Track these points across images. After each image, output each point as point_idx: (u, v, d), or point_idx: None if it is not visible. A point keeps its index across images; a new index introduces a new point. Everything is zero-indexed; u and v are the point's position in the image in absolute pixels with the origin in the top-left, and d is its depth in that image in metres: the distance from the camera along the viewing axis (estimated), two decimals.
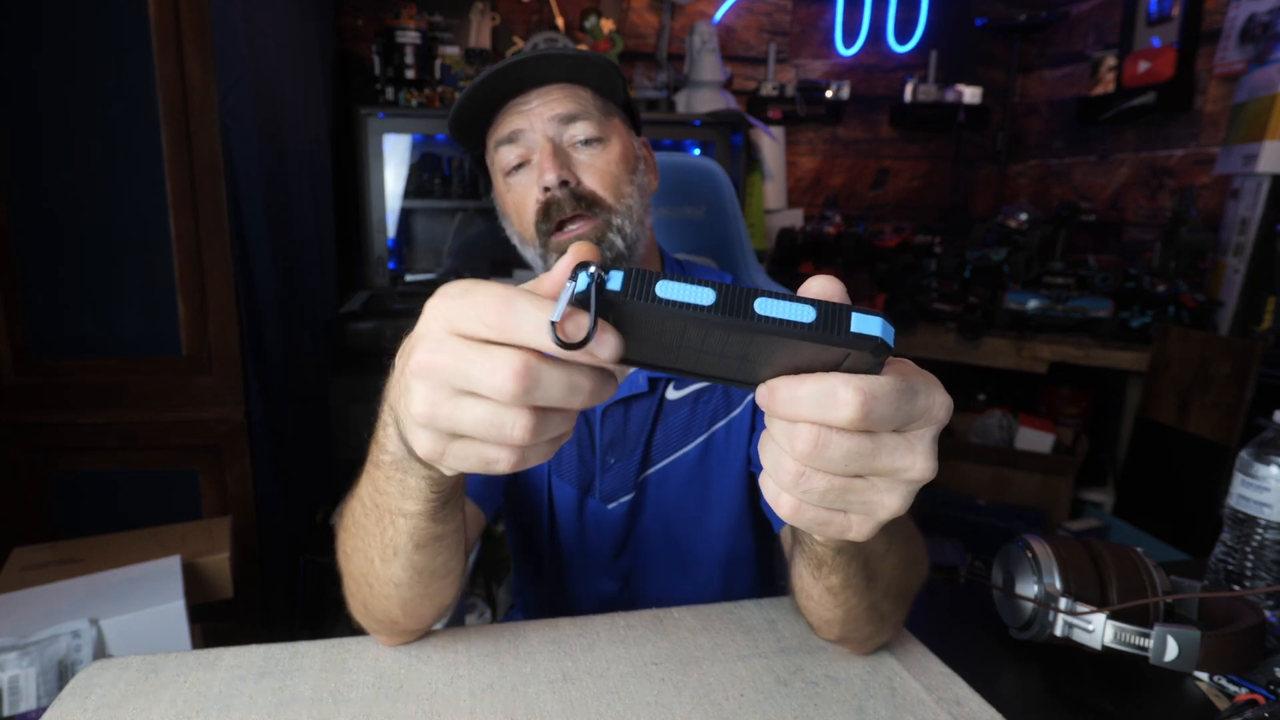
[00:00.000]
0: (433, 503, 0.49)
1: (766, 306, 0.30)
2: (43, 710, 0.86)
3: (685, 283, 0.30)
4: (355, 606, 0.61)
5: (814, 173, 3.03)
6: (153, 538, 1.39)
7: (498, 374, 0.33)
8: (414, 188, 2.42)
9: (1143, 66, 2.43)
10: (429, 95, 2.32)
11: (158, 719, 0.55)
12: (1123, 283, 2.27)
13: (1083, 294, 2.30)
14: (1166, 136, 2.45)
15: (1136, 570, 0.65)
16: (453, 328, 0.34)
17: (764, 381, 0.34)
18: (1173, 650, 0.59)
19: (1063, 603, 0.64)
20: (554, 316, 0.31)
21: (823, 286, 0.33)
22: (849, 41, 2.92)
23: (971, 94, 2.87)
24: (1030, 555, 0.67)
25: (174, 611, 1.11)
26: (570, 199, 0.74)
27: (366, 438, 0.49)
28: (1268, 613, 0.66)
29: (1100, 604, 0.63)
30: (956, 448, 2.45)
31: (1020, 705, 0.60)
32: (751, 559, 0.90)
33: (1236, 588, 0.72)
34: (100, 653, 1.01)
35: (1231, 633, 0.60)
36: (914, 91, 2.88)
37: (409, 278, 2.41)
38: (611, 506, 0.84)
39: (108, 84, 1.47)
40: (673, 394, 0.83)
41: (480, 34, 2.57)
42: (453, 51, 2.44)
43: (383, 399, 0.45)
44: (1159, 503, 2.09)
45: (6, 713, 0.89)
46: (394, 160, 2.35)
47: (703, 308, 0.30)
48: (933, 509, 2.37)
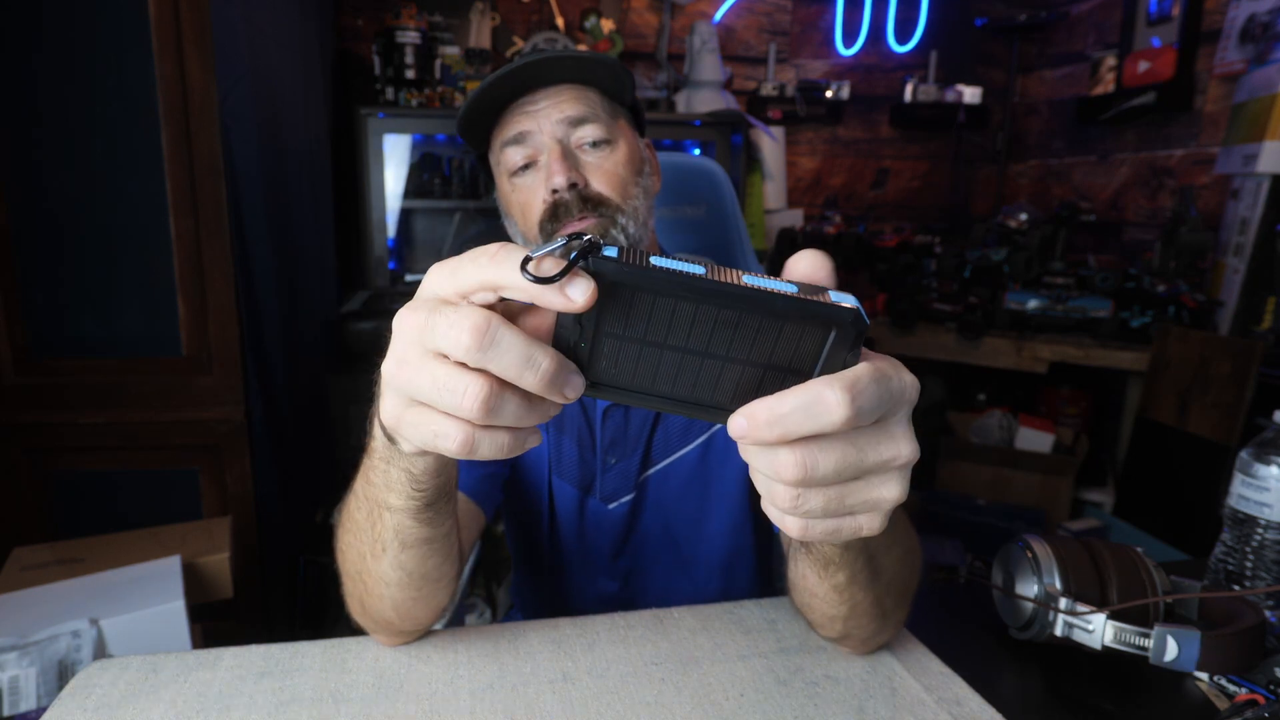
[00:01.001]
0: (415, 500, 0.49)
1: (753, 279, 0.32)
2: (43, 710, 0.86)
3: (677, 262, 0.32)
4: (353, 605, 0.62)
5: (814, 173, 3.03)
6: (153, 538, 1.39)
7: (456, 326, 0.32)
8: (414, 188, 2.42)
9: (1143, 66, 2.43)
10: (429, 95, 2.32)
11: (158, 719, 0.55)
12: (1123, 283, 2.27)
13: (1083, 294, 2.30)
14: (1166, 136, 2.45)
15: (1136, 570, 0.65)
16: (434, 289, 0.35)
17: (734, 411, 0.34)
18: (1173, 650, 0.59)
19: (1063, 603, 0.64)
20: (532, 254, 0.31)
21: (810, 261, 0.34)
22: (849, 41, 2.92)
23: (971, 94, 2.87)
24: (1030, 555, 0.67)
25: (174, 611, 1.11)
26: (578, 201, 0.73)
27: (366, 434, 0.49)
28: (1268, 613, 0.66)
29: (1100, 604, 0.63)
30: (956, 448, 2.45)
31: (1020, 705, 0.60)
32: (751, 559, 0.90)
33: (1236, 588, 0.72)
34: (100, 653, 1.01)
35: (1231, 633, 0.60)
36: (914, 91, 2.88)
37: (409, 278, 2.41)
38: (612, 507, 0.84)
39: (108, 84, 1.47)
40: None
41: (480, 34, 2.57)
42: (453, 51, 2.44)
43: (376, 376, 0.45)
44: (1159, 503, 2.09)
45: (6, 713, 0.89)
46: (394, 160, 2.35)
47: (695, 275, 0.31)
48: (933, 509, 2.37)
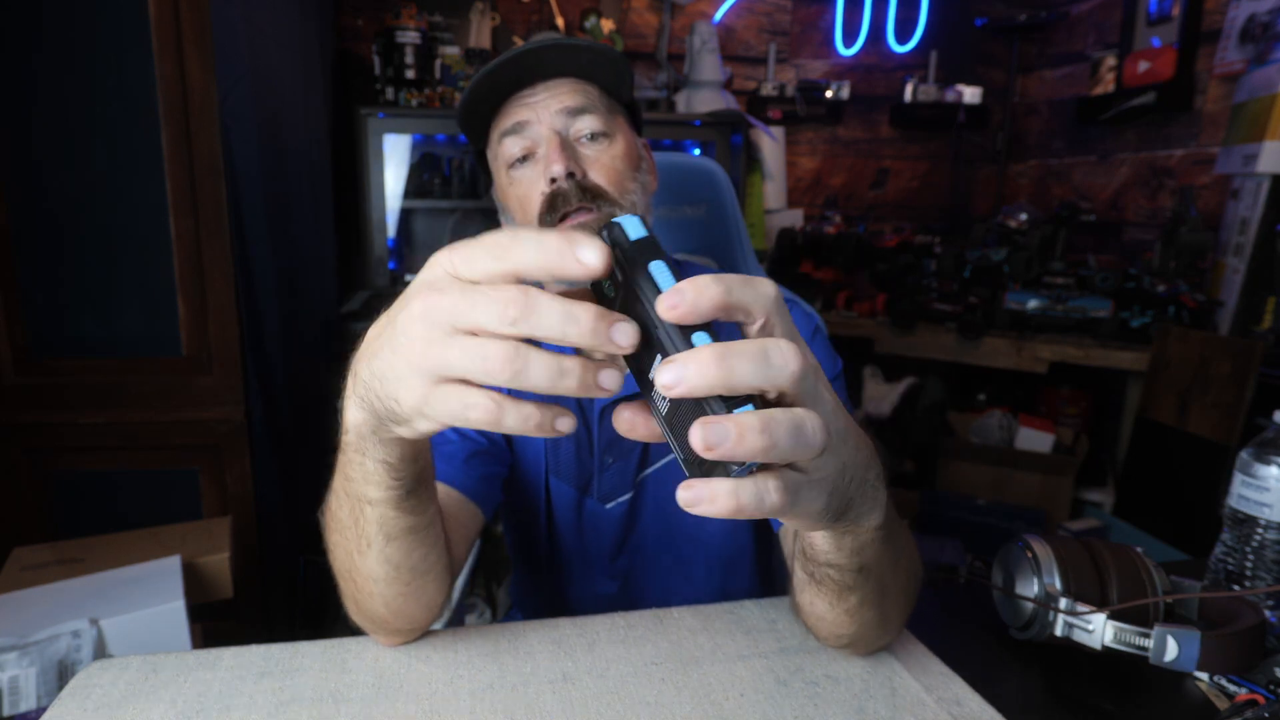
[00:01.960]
0: (394, 490, 0.48)
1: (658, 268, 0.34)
2: (43, 710, 0.86)
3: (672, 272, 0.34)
4: (348, 605, 0.61)
5: (814, 173, 3.03)
6: (153, 538, 1.39)
7: (495, 300, 0.33)
8: (414, 188, 2.42)
9: (1143, 66, 2.43)
10: (429, 95, 2.32)
11: (158, 719, 0.55)
12: (1123, 283, 2.27)
13: (1083, 294, 2.29)
14: (1166, 136, 2.45)
15: (1136, 570, 0.65)
16: (455, 271, 0.35)
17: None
18: (1173, 650, 0.59)
19: (1063, 603, 0.64)
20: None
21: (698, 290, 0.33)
22: (849, 41, 2.92)
23: (971, 94, 2.87)
24: (1030, 555, 0.67)
25: (174, 611, 1.11)
26: (577, 191, 0.73)
27: (336, 432, 0.48)
28: (1268, 613, 0.66)
29: (1100, 604, 0.63)
30: (956, 448, 2.45)
31: (1020, 705, 0.60)
32: (751, 559, 0.90)
33: (1236, 588, 0.72)
34: (100, 653, 1.01)
35: (1231, 633, 0.60)
36: (914, 91, 2.88)
37: (409, 278, 2.40)
38: (610, 506, 0.84)
39: (108, 84, 1.47)
40: None
41: (480, 34, 2.57)
42: (453, 51, 2.44)
43: (347, 377, 0.44)
44: (1159, 503, 2.09)
45: (6, 713, 0.89)
46: (394, 160, 2.35)
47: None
48: (933, 509, 2.37)
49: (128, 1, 1.44)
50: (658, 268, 0.34)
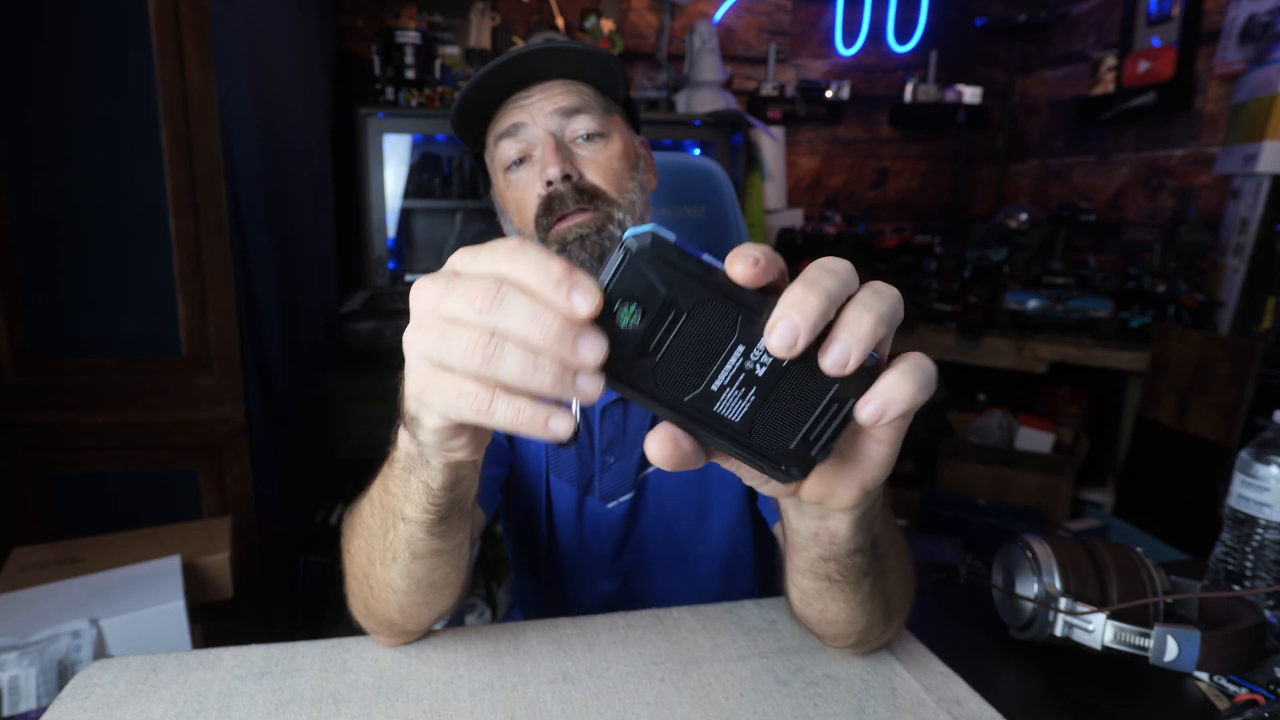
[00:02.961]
0: (429, 514, 0.49)
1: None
2: (43, 710, 0.86)
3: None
4: (356, 606, 0.62)
5: (814, 173, 3.03)
6: (153, 538, 1.39)
7: (469, 289, 0.34)
8: (414, 188, 2.42)
9: (1143, 66, 2.43)
10: (429, 95, 2.32)
11: (158, 719, 0.55)
12: (1123, 283, 2.27)
13: (1083, 294, 2.30)
14: (1166, 136, 2.45)
15: (1136, 570, 0.65)
16: (452, 266, 0.37)
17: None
18: (1173, 650, 0.59)
19: (1063, 603, 0.64)
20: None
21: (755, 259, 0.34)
22: (849, 41, 2.92)
23: (971, 94, 2.87)
24: (1030, 555, 0.67)
25: (174, 611, 1.11)
26: (573, 193, 0.73)
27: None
28: (1268, 613, 0.66)
29: (1100, 604, 0.63)
30: (957, 447, 2.45)
31: (1020, 705, 0.60)
32: (751, 558, 0.90)
33: (1236, 588, 0.72)
34: (100, 653, 1.01)
35: (1231, 633, 0.60)
36: (914, 91, 2.88)
37: (409, 278, 2.41)
38: (611, 506, 0.84)
39: (107, 84, 1.47)
40: None
41: (480, 34, 2.57)
42: (453, 51, 2.44)
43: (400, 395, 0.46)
44: (1159, 503, 2.09)
45: (6, 713, 0.89)
46: (394, 160, 2.35)
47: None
48: (933, 509, 2.37)
49: (127, 1, 1.44)
50: (709, 258, 0.35)
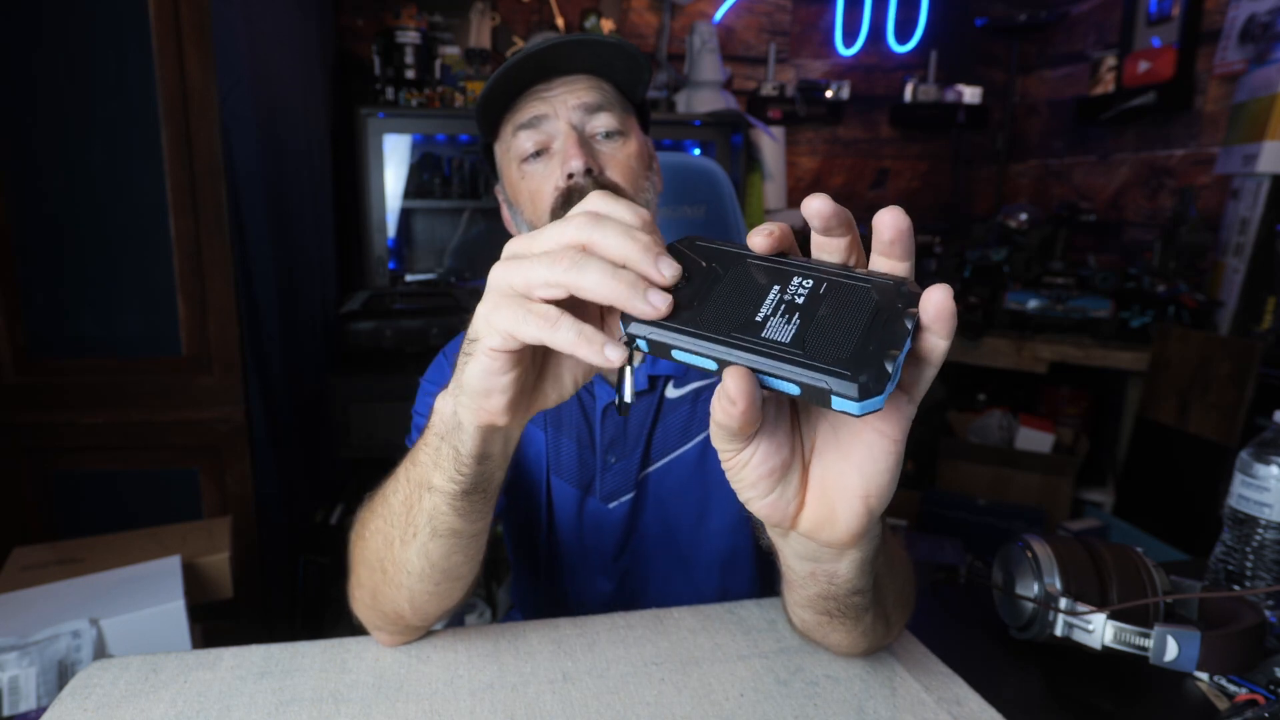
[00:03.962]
0: (456, 482, 0.49)
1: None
2: (43, 710, 0.86)
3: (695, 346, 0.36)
4: (362, 597, 0.61)
5: (814, 173, 3.03)
6: (153, 538, 1.39)
7: (570, 221, 0.39)
8: (414, 188, 2.42)
9: (1143, 66, 2.43)
10: (429, 95, 2.32)
11: (158, 719, 0.55)
12: (1123, 283, 2.27)
13: (1083, 294, 2.30)
14: (1166, 136, 2.45)
15: (1136, 570, 0.65)
16: (540, 235, 0.41)
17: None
18: (1173, 650, 0.59)
19: (1063, 603, 0.64)
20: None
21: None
22: (849, 41, 2.92)
23: (971, 94, 2.87)
24: (1030, 555, 0.67)
25: (174, 611, 1.11)
26: (593, 187, 0.73)
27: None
28: (1268, 613, 0.66)
29: (1100, 604, 0.63)
30: (957, 447, 2.45)
31: (1020, 705, 0.60)
32: (750, 558, 0.90)
33: (1236, 588, 0.72)
34: (100, 653, 1.01)
35: (1231, 633, 0.60)
36: (914, 91, 2.88)
37: (409, 278, 2.41)
38: (612, 506, 0.84)
39: (108, 84, 1.47)
40: (672, 392, 0.83)
41: (480, 34, 2.57)
42: (453, 51, 2.44)
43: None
44: (1159, 503, 2.09)
45: (6, 713, 0.89)
46: (394, 160, 2.35)
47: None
48: (933, 509, 2.37)
49: (128, 1, 1.44)
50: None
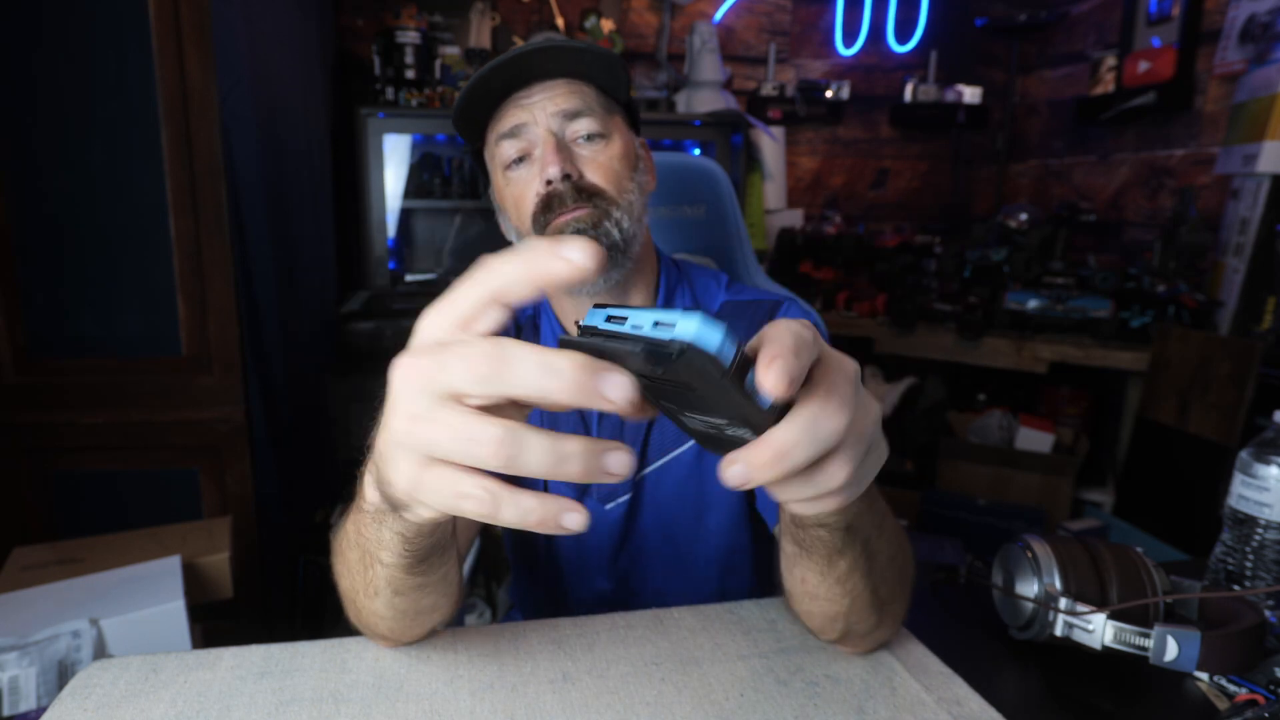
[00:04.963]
0: (406, 558, 0.49)
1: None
2: (43, 710, 0.86)
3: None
4: (350, 613, 0.62)
5: (814, 173, 3.03)
6: (153, 538, 1.39)
7: (465, 356, 0.30)
8: (414, 188, 2.42)
9: (1143, 66, 2.43)
10: (429, 95, 2.32)
11: (158, 719, 0.55)
12: (1123, 283, 2.27)
13: (1083, 294, 2.29)
14: (1166, 136, 2.45)
15: (1136, 570, 0.65)
16: (430, 334, 0.33)
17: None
18: (1173, 650, 0.59)
19: (1063, 603, 0.64)
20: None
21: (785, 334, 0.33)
22: (849, 41, 2.92)
23: (971, 94, 2.87)
24: (1030, 555, 0.67)
25: (174, 611, 1.11)
26: (572, 192, 0.73)
27: (366, 443, 0.48)
28: (1268, 613, 0.66)
29: (1100, 604, 0.63)
30: (956, 447, 2.45)
31: (1020, 705, 0.60)
32: (749, 558, 0.90)
33: (1236, 588, 0.72)
34: (100, 653, 1.01)
35: (1231, 633, 0.60)
36: (914, 91, 2.88)
37: (409, 278, 2.41)
38: (610, 507, 0.84)
39: (108, 84, 1.47)
40: None
41: (480, 34, 2.57)
42: (453, 51, 2.44)
43: (370, 438, 0.42)
44: (1159, 503, 2.09)
45: (6, 713, 0.89)
46: (394, 160, 2.35)
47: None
48: (933, 509, 2.37)
49: (128, 1, 1.44)
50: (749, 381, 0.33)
